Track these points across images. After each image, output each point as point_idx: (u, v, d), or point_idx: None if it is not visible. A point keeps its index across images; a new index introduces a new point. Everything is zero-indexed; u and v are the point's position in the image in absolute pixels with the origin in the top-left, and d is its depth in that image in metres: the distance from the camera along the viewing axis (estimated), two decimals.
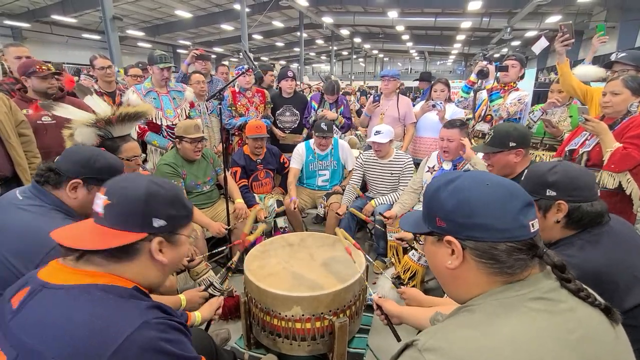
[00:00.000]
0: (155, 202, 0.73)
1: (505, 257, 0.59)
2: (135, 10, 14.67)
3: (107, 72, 2.76)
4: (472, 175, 0.64)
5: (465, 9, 12.64)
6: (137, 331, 0.60)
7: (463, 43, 21.65)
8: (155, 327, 0.63)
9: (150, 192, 0.73)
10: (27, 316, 0.63)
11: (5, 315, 0.65)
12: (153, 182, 0.75)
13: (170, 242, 0.76)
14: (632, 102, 1.74)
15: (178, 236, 0.78)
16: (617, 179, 1.68)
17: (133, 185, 0.73)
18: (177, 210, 0.76)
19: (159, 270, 0.76)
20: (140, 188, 0.73)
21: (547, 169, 1.04)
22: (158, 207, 0.73)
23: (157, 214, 0.73)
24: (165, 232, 0.74)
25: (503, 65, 2.67)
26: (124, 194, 0.72)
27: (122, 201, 0.72)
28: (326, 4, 14.91)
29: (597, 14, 12.98)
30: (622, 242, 0.99)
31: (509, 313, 0.56)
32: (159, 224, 0.72)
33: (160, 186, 0.75)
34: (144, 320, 0.62)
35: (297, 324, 1.56)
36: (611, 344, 0.57)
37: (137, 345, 0.59)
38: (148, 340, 0.60)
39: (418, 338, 0.57)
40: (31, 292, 0.66)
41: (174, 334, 0.65)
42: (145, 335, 0.61)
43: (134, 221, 0.71)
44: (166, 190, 0.76)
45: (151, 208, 0.72)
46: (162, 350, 0.62)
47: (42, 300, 0.65)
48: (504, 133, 1.68)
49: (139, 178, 0.76)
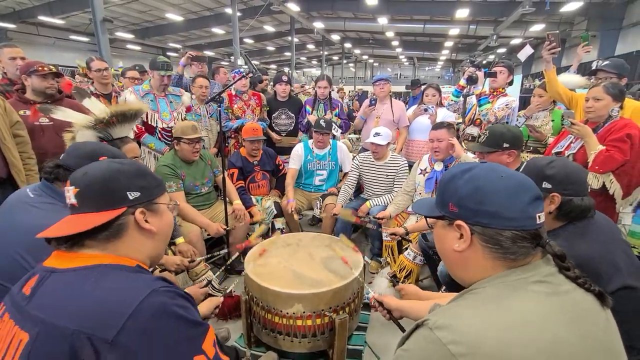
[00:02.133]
0: (121, 177, 0.76)
1: (510, 244, 0.64)
2: (124, 12, 14.52)
3: (103, 74, 2.76)
4: (487, 167, 0.70)
5: (453, 16, 12.96)
6: (147, 298, 0.64)
7: (451, 50, 22.11)
8: (163, 294, 0.67)
9: (113, 169, 0.76)
10: (42, 298, 0.67)
11: (19, 302, 0.68)
12: (113, 161, 0.79)
13: (152, 210, 0.79)
14: (613, 107, 1.85)
15: (157, 205, 0.81)
16: (601, 179, 1.78)
17: (94, 168, 0.76)
18: (147, 180, 0.79)
19: (152, 241, 0.80)
20: (102, 169, 0.76)
21: (546, 163, 1.11)
22: (126, 181, 0.76)
23: (129, 187, 0.75)
24: (143, 202, 0.77)
25: (492, 72, 2.78)
26: (88, 177, 0.74)
27: (89, 184, 0.74)
28: (317, 10, 15.06)
29: (578, 23, 13.49)
30: (605, 235, 1.07)
31: (512, 294, 0.61)
32: (133, 195, 0.75)
33: (120, 163, 0.79)
34: (153, 289, 0.66)
35: (298, 321, 1.59)
36: (602, 324, 0.63)
37: (149, 311, 0.63)
38: (159, 305, 0.65)
39: (428, 318, 0.61)
40: (41, 279, 0.69)
41: (181, 300, 0.69)
42: (155, 300, 0.65)
43: (109, 199, 0.74)
44: (128, 164, 0.79)
45: (120, 183, 0.75)
46: (172, 313, 0.66)
47: (54, 283, 0.68)
48: (499, 134, 1.76)
49: (98, 162, 0.80)
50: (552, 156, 1.17)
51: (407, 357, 0.62)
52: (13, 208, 1.06)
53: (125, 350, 0.61)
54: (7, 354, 0.63)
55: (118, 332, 0.60)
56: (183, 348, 0.66)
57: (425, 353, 0.58)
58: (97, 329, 0.61)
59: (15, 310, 0.68)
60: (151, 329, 0.63)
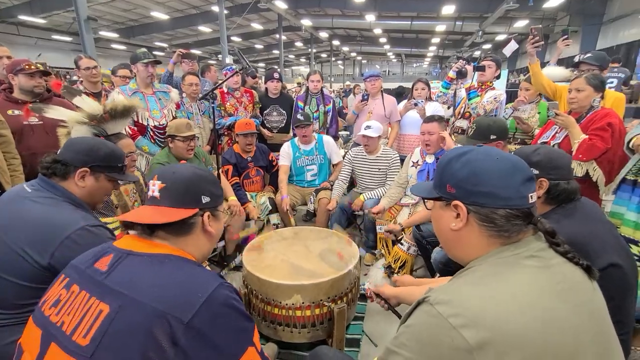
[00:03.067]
0: (202, 182, 0.86)
1: (504, 222, 0.68)
2: (108, 11, 14.23)
3: (92, 73, 2.72)
4: (483, 150, 0.73)
5: (439, 12, 13.12)
6: (217, 289, 0.72)
7: (438, 46, 22.36)
8: (227, 288, 0.75)
9: (197, 174, 0.87)
10: (121, 274, 0.73)
11: (94, 276, 0.74)
12: (196, 167, 0.90)
13: (214, 215, 0.89)
14: (595, 98, 1.93)
15: (218, 211, 0.91)
16: (585, 167, 1.85)
17: (181, 170, 0.87)
18: (217, 189, 0.90)
19: (209, 241, 0.89)
20: (188, 171, 0.86)
21: (532, 151, 1.17)
22: (204, 186, 0.86)
23: (204, 192, 0.85)
24: (210, 207, 0.87)
25: (480, 66, 2.85)
26: (176, 177, 0.84)
27: (176, 183, 0.83)
28: (305, 7, 15.03)
29: (560, 19, 13.80)
30: (591, 215, 1.13)
31: (507, 269, 0.65)
32: (205, 200, 0.85)
33: (202, 170, 0.90)
34: (220, 282, 0.74)
35: (297, 312, 1.62)
36: (590, 294, 0.68)
37: (218, 300, 0.71)
38: (225, 297, 0.72)
39: (429, 294, 0.65)
40: (118, 257, 0.75)
41: (237, 296, 0.77)
42: (223, 293, 0.72)
43: (188, 199, 0.83)
44: (208, 173, 0.91)
45: (199, 187, 0.85)
46: (234, 307, 0.73)
47: (132, 263, 0.75)
48: (485, 127, 1.82)
49: (184, 165, 0.92)
50: (537, 144, 1.23)
51: (410, 332, 0.65)
52: (12, 203, 1.06)
53: (196, 332, 0.67)
54: (84, 321, 0.68)
55: (193, 315, 0.67)
56: (241, 337, 0.74)
57: (427, 327, 0.62)
58: (176, 309, 0.67)
59: (91, 284, 0.73)
60: (219, 316, 0.70)
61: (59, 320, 0.70)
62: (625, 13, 10.91)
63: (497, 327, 0.56)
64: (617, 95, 2.27)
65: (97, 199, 1.23)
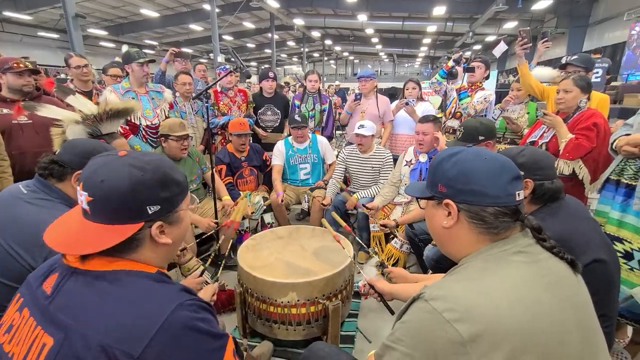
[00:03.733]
0: (144, 190, 0.67)
1: (493, 219, 0.71)
2: (96, 8, 13.99)
3: (83, 71, 2.69)
4: (472, 150, 0.77)
5: (430, 13, 13.24)
6: (175, 312, 0.63)
7: (429, 46, 22.56)
8: (188, 308, 0.65)
9: (135, 181, 0.66)
10: (65, 299, 0.64)
11: (40, 300, 0.66)
12: (135, 167, 0.68)
13: (170, 222, 0.73)
14: (581, 99, 1.98)
15: (177, 214, 0.74)
16: (571, 165, 1.91)
17: (113, 177, 0.66)
18: (170, 189, 0.71)
19: (167, 250, 0.76)
20: (122, 179, 0.66)
21: (517, 152, 1.20)
22: (147, 194, 0.68)
23: (149, 201, 0.68)
24: (162, 215, 0.71)
25: (470, 67, 2.91)
26: (105, 187, 0.66)
27: (106, 196, 0.66)
28: (297, 6, 15.00)
29: (548, 21, 14.07)
30: (575, 213, 1.17)
31: (497, 265, 0.68)
32: (153, 210, 0.69)
33: (142, 170, 0.68)
34: (179, 302, 0.65)
35: (292, 310, 1.64)
36: (575, 287, 0.71)
37: (175, 326, 0.62)
38: (184, 320, 0.63)
39: (424, 291, 0.67)
40: (62, 277, 0.66)
41: (204, 313, 0.68)
42: (181, 315, 0.64)
43: (126, 213, 0.67)
44: (152, 173, 0.69)
45: (140, 197, 0.67)
46: (196, 328, 0.65)
47: (76, 285, 0.65)
48: (473, 128, 1.88)
49: (117, 166, 0.68)
50: (522, 146, 1.27)
51: (406, 328, 0.67)
52: (6, 203, 1.05)
53: None
54: (30, 356, 0.61)
55: (145, 348, 0.59)
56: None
57: (422, 322, 0.64)
58: (124, 343, 0.59)
59: (37, 309, 0.65)
60: (176, 344, 0.62)
61: (10, 351, 0.64)
62: (610, 15, 11.18)
63: (488, 321, 0.59)
64: (602, 96, 2.34)
65: None
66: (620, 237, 1.60)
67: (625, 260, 1.56)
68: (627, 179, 1.61)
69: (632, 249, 1.55)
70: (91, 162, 0.71)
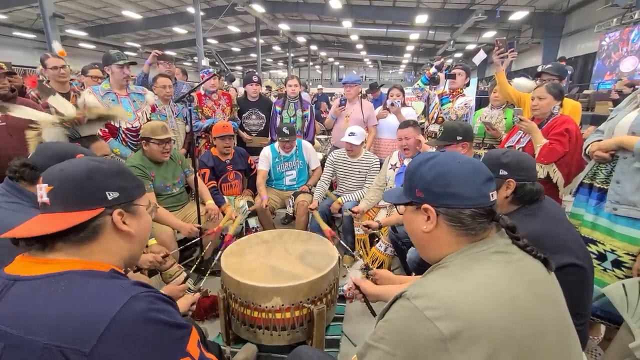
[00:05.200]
0: (101, 176, 0.72)
1: (470, 221, 0.73)
2: (76, 8, 13.62)
3: (60, 72, 2.61)
4: (447, 154, 0.79)
5: (413, 21, 13.56)
6: (127, 305, 0.61)
7: (412, 53, 23.05)
8: (144, 299, 0.63)
9: (92, 168, 0.72)
10: (5, 309, 0.61)
11: None
12: (92, 159, 0.75)
13: (130, 212, 0.76)
14: (554, 105, 2.07)
15: (136, 207, 0.78)
16: (546, 169, 1.98)
17: (72, 165, 0.72)
18: (127, 181, 0.76)
19: (129, 243, 0.76)
20: (80, 166, 0.71)
21: (501, 153, 1.25)
22: (105, 181, 0.72)
23: (107, 187, 0.72)
24: (122, 203, 0.74)
25: (451, 74, 2.99)
26: (64, 175, 0.70)
27: (65, 182, 0.69)
28: (282, 12, 15.06)
29: (525, 31, 14.67)
30: (552, 215, 1.22)
31: (476, 264, 0.70)
32: (112, 196, 0.72)
33: (100, 162, 0.75)
34: (132, 295, 0.63)
35: (277, 315, 1.62)
36: (550, 285, 0.75)
37: (129, 319, 0.60)
38: (139, 312, 0.61)
39: (406, 289, 0.68)
40: (3, 287, 0.64)
41: (162, 304, 0.66)
42: (135, 307, 0.61)
43: (86, 198, 0.70)
44: (108, 164, 0.75)
45: (98, 182, 0.71)
46: (154, 319, 0.63)
47: (18, 292, 0.63)
48: (452, 129, 1.98)
49: (76, 160, 0.75)
50: (505, 148, 1.32)
51: (388, 326, 0.68)
52: None
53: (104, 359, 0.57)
54: None
55: (96, 343, 0.56)
56: (167, 352, 0.64)
57: (404, 320, 0.65)
58: (72, 341, 0.56)
59: None
60: (132, 337, 0.60)
61: None
62: (582, 27, 11.76)
63: (468, 318, 0.61)
64: (574, 103, 2.45)
65: None
66: (594, 238, 1.67)
67: (599, 262, 1.62)
68: (599, 183, 1.69)
69: (605, 250, 1.61)
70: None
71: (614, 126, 1.63)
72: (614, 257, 1.57)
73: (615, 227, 1.57)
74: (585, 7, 11.36)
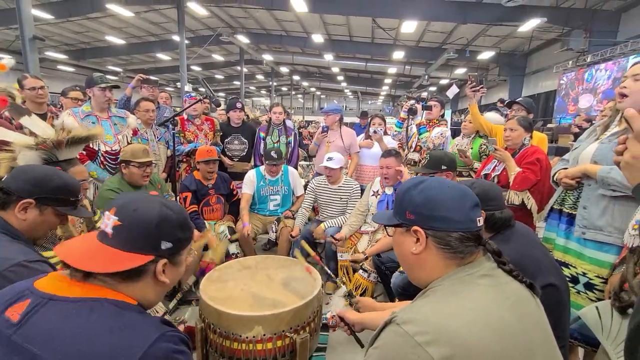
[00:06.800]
0: (166, 226, 0.74)
1: (458, 244, 0.75)
2: (57, 32, 13.55)
3: (38, 93, 2.55)
4: (436, 180, 0.82)
5: (390, 57, 14.38)
6: (156, 343, 0.64)
7: (390, 86, 24.20)
8: (170, 339, 0.67)
9: (163, 216, 0.74)
10: (36, 327, 0.62)
11: (4, 329, 0.63)
12: (165, 205, 0.76)
13: (173, 262, 0.77)
14: (525, 137, 2.22)
15: (180, 256, 0.79)
16: (521, 196, 2.08)
17: (146, 207, 0.74)
18: (184, 233, 0.78)
19: (159, 290, 0.78)
20: (153, 211, 0.73)
21: (469, 185, 1.30)
22: (168, 231, 0.74)
23: (167, 237, 0.74)
24: (169, 254, 0.76)
25: (428, 105, 3.16)
26: (136, 216, 0.72)
27: (135, 224, 0.72)
28: (266, 43, 15.60)
29: (492, 69, 15.85)
30: (525, 239, 1.27)
31: (465, 288, 0.72)
32: (166, 246, 0.74)
33: (171, 210, 0.76)
34: (161, 333, 0.66)
35: (258, 345, 1.55)
36: (534, 308, 0.76)
37: (154, 357, 0.62)
38: (165, 352, 0.64)
39: (395, 314, 0.68)
40: (36, 304, 0.65)
41: (183, 346, 0.69)
42: (162, 347, 0.64)
43: (144, 244, 0.72)
44: (177, 214, 0.77)
45: (162, 232, 0.73)
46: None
47: (51, 312, 0.64)
48: (438, 158, 2.06)
49: (150, 200, 0.77)
50: (472, 179, 1.38)
51: (378, 353, 0.67)
52: None
53: None
54: None
55: None
56: None
57: (394, 346, 0.65)
58: None
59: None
60: None
61: None
62: (542, 67, 12.84)
63: (458, 342, 0.61)
64: (541, 135, 2.65)
65: (39, 233, 1.12)
66: (566, 262, 1.73)
67: (572, 285, 1.68)
68: (568, 208, 1.78)
69: (577, 273, 1.68)
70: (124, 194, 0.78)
71: (577, 155, 1.75)
72: (586, 279, 1.64)
73: (585, 251, 1.65)
74: (544, 49, 12.49)
